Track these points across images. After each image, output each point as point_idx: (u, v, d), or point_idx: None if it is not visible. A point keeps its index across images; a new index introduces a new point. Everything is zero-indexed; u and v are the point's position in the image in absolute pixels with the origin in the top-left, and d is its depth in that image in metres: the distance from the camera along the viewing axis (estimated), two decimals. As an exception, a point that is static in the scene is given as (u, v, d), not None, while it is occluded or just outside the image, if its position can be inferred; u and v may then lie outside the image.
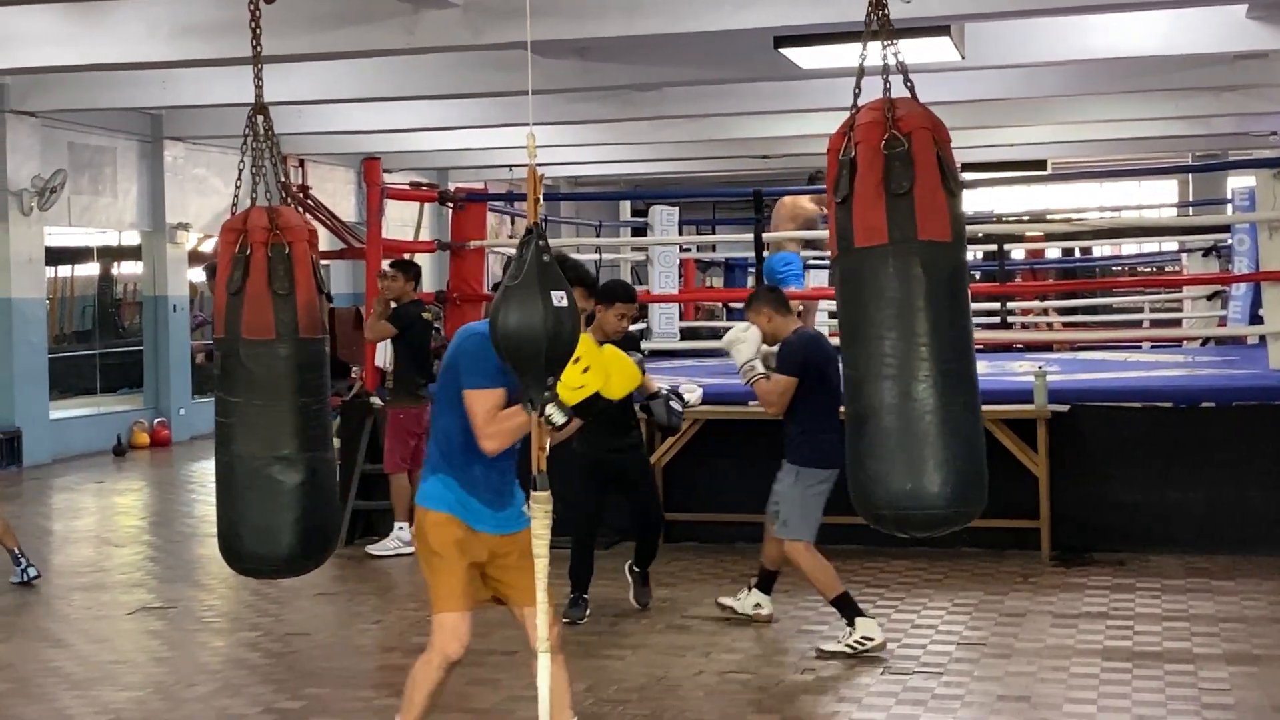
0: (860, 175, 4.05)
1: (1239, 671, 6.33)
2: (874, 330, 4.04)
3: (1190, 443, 9.00)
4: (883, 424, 4.04)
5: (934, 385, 3.98)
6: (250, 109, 4.58)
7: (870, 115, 4.09)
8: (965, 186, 11.12)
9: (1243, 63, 12.78)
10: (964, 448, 4.04)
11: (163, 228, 17.31)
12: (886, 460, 4.03)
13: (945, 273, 4.03)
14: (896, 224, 3.99)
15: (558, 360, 3.88)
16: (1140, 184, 24.92)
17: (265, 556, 4.57)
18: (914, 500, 4.02)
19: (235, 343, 4.48)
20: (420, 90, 13.10)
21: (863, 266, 4.08)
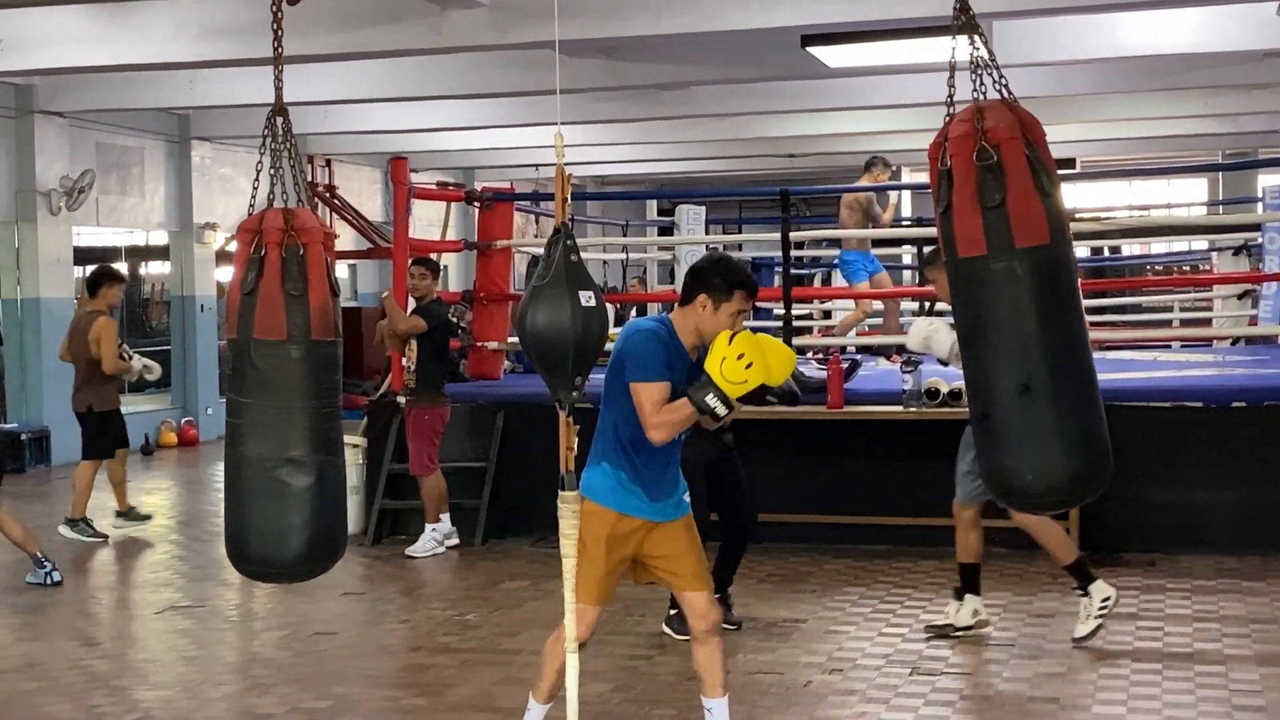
0: (956, 187, 4.21)
1: (1270, 673, 6.27)
2: (984, 331, 4.26)
3: (1221, 443, 8.94)
4: (1000, 418, 4.25)
5: (1046, 378, 4.16)
6: (270, 110, 4.57)
7: (961, 127, 4.23)
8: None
9: (1273, 60, 12.71)
10: (1078, 435, 4.24)
11: (190, 228, 17.39)
12: (1010, 452, 4.26)
13: (1045, 272, 4.19)
14: (993, 234, 4.16)
15: (585, 360, 3.87)
16: (1169, 182, 24.77)
17: (271, 559, 4.53)
18: (1040, 488, 4.27)
19: (247, 343, 4.45)
20: (447, 90, 13.12)
21: (968, 273, 4.28)
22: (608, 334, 4.00)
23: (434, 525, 9.49)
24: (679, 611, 7.20)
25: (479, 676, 6.54)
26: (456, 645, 7.14)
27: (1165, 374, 10.63)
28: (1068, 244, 4.27)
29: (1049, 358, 4.18)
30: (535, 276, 3.86)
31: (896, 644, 6.95)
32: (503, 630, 7.42)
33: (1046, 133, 4.31)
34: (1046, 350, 4.18)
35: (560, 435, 4.04)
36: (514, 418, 9.97)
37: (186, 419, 17.28)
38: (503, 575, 8.80)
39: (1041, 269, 4.19)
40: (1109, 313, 17.49)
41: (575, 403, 3.99)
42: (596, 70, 12.13)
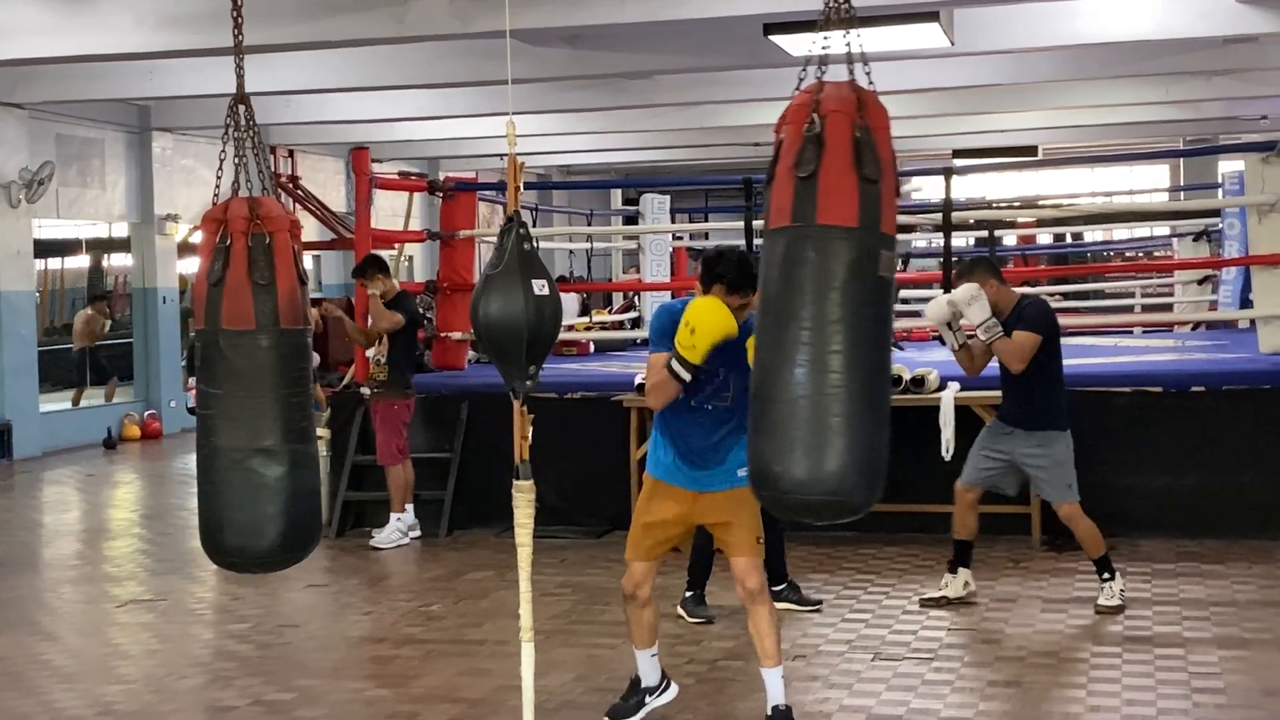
0: (780, 158, 4.00)
1: (1229, 655, 6.34)
2: (771, 309, 3.98)
3: (1180, 427, 9.01)
4: (767, 401, 3.96)
5: (812, 372, 3.87)
6: (231, 99, 4.56)
7: (801, 98, 4.02)
8: (954, 173, 11.24)
9: (1233, 47, 12.78)
10: (842, 441, 3.91)
11: (151, 219, 17.29)
12: (766, 440, 3.95)
13: (843, 257, 3.90)
14: (800, 205, 3.91)
15: (539, 348, 3.87)
16: (1131, 169, 24.92)
17: (247, 550, 4.53)
18: (788, 485, 3.93)
19: (216, 334, 4.45)
20: (409, 80, 13.06)
21: (771, 247, 4.02)
22: (561, 322, 3.99)
23: (399, 515, 9.47)
24: (695, 594, 7.24)
25: (443, 667, 6.54)
26: (421, 636, 7.14)
27: (1126, 359, 10.71)
28: (882, 239, 3.94)
29: (832, 348, 3.88)
30: (488, 265, 3.86)
31: (860, 630, 6.98)
32: (467, 621, 7.42)
33: (892, 128, 4.04)
34: (830, 341, 3.88)
35: (515, 425, 4.04)
36: (478, 408, 9.96)
37: (149, 412, 17.20)
38: (467, 566, 8.80)
39: (838, 252, 3.89)
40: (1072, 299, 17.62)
41: (530, 391, 3.99)
42: (560, 59, 12.11)
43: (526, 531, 4.10)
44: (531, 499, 4.06)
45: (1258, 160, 9.95)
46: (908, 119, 17.38)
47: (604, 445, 9.61)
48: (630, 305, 16.26)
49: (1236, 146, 14.26)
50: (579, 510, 9.69)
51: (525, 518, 4.06)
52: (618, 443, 9.42)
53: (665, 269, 15.76)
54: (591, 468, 9.74)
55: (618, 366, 11.69)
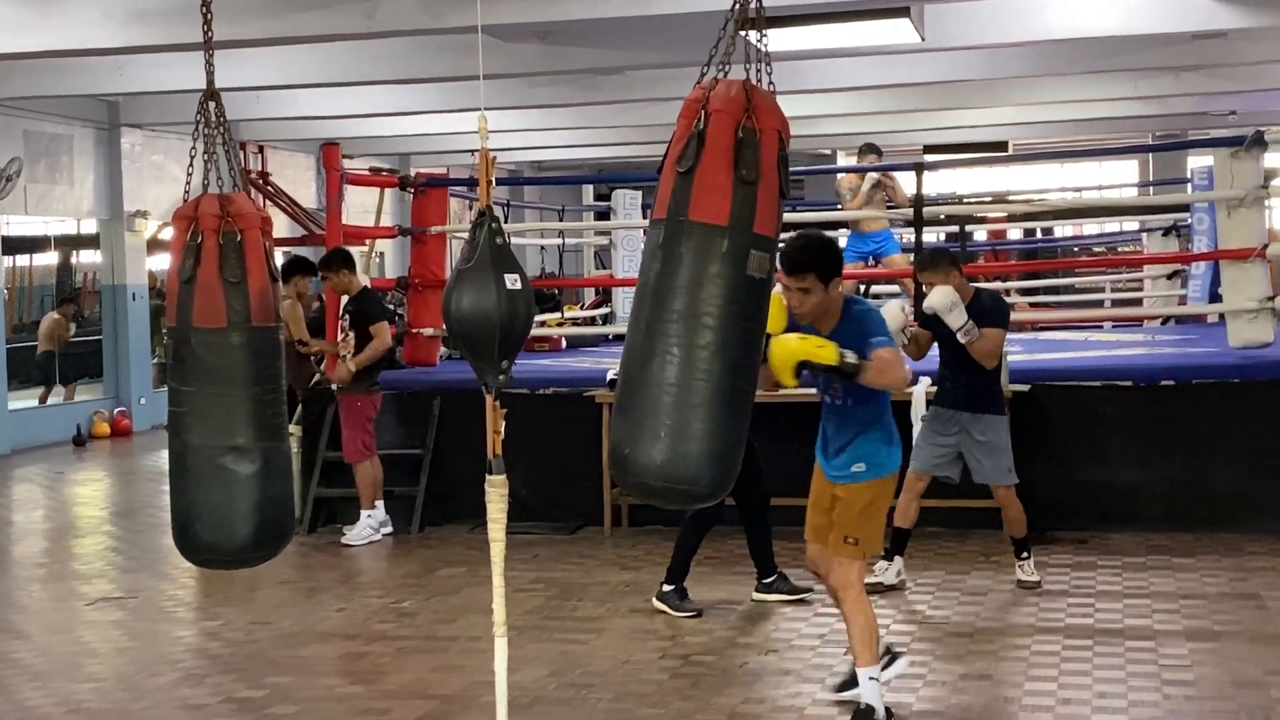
0: (669, 151, 4.10)
1: (1199, 648, 6.37)
2: (646, 297, 4.07)
3: (1151, 421, 9.06)
4: (626, 390, 4.08)
5: (675, 363, 3.97)
6: (202, 95, 4.54)
7: (695, 93, 4.11)
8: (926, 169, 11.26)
9: (1201, 42, 12.84)
10: (693, 428, 3.99)
11: (121, 216, 17.19)
12: (630, 425, 4.04)
13: (715, 255, 3.98)
14: (674, 199, 4.02)
15: (511, 343, 3.87)
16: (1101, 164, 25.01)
17: (220, 547, 4.53)
18: (636, 469, 4.04)
19: (187, 331, 4.44)
20: (381, 75, 13.02)
21: (651, 237, 4.14)
22: (534, 317, 3.99)
23: (369, 511, 9.45)
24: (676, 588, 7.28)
25: (415, 664, 6.53)
26: (393, 633, 7.12)
27: (1096, 354, 10.76)
28: (754, 238, 4.00)
29: (697, 342, 3.95)
30: (460, 260, 3.86)
31: (831, 624, 6.98)
32: (439, 617, 7.41)
33: (787, 133, 4.12)
34: (691, 333, 3.95)
35: (488, 420, 4.03)
36: (450, 404, 9.94)
37: (119, 409, 17.10)
38: (439, 562, 8.78)
39: (707, 248, 3.97)
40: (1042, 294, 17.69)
41: (502, 387, 3.98)
42: (532, 55, 12.09)
43: (499, 527, 4.10)
44: (504, 494, 4.06)
45: (1226, 155, 9.99)
46: (879, 114, 17.43)
47: (576, 441, 9.61)
48: (602, 301, 16.23)
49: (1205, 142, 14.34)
50: (551, 506, 9.69)
51: (498, 513, 4.06)
52: (590, 438, 9.42)
53: (637, 264, 15.74)
54: (564, 463, 9.74)
55: (590, 362, 11.68)
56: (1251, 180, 9.80)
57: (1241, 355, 9.66)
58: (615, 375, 9.17)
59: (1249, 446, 8.91)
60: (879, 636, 5.41)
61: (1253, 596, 7.27)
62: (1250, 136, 9.79)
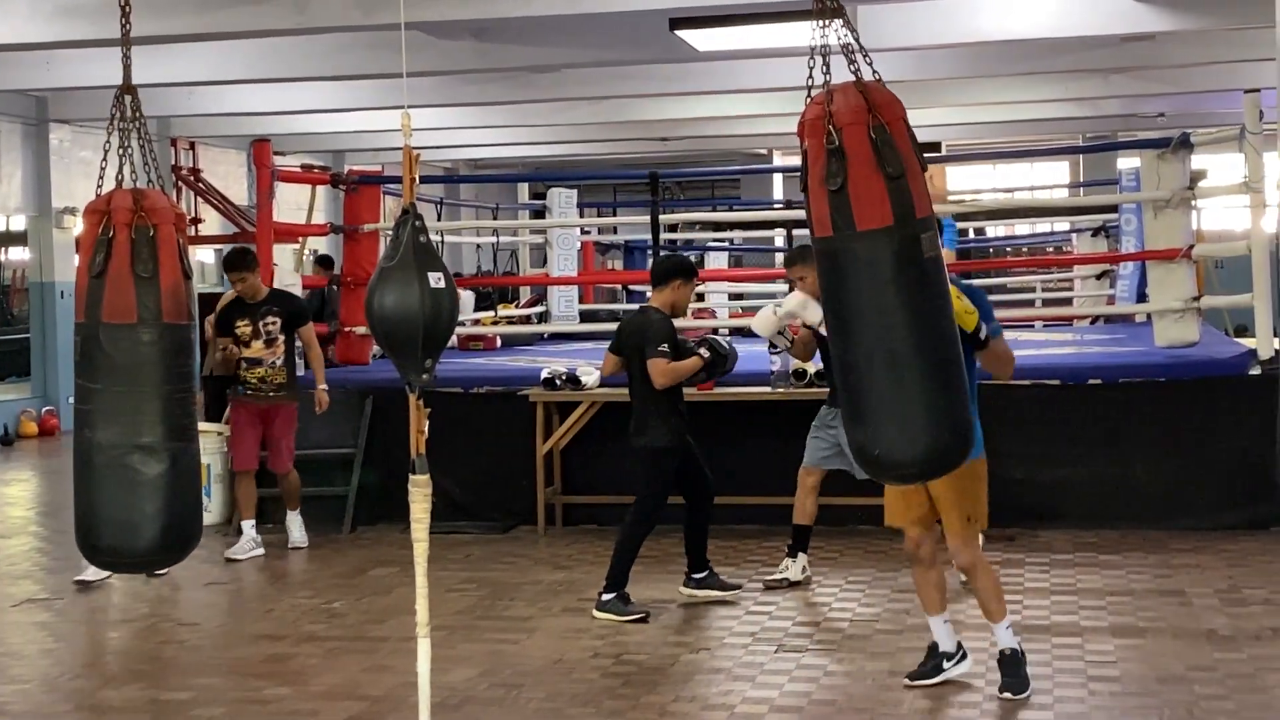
0: (810, 170, 4.28)
1: (1125, 644, 6.45)
2: (837, 308, 4.34)
3: (1078, 420, 9.16)
4: (854, 392, 4.35)
5: (893, 356, 4.23)
6: (118, 89, 4.49)
7: (813, 110, 4.27)
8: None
9: (1130, 45, 12.99)
10: (926, 411, 4.28)
11: (49, 212, 16.95)
12: (863, 425, 4.35)
13: (890, 254, 4.22)
14: (838, 216, 4.22)
15: (435, 341, 3.85)
16: (1032, 165, 25.25)
17: (123, 549, 4.44)
18: (890, 460, 4.35)
19: (96, 327, 4.37)
20: (314, 71, 12.92)
21: (822, 252, 4.37)
22: (458, 315, 3.97)
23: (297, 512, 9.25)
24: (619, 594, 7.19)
25: (345, 664, 6.49)
26: (322, 634, 7.07)
27: (1025, 353, 10.82)
28: (919, 224, 4.26)
29: (898, 336, 4.22)
30: (383, 258, 3.85)
31: (763, 622, 7.02)
32: (370, 618, 7.36)
33: (906, 113, 4.32)
34: (894, 329, 4.22)
35: (411, 419, 4.01)
36: (383, 403, 9.88)
37: (47, 408, 16.87)
38: (371, 562, 8.73)
39: (884, 251, 4.22)
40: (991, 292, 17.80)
41: (426, 386, 3.97)
42: (466, 53, 12.04)
43: (423, 527, 4.08)
44: (428, 494, 4.04)
45: (1154, 157, 10.13)
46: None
47: (510, 440, 9.58)
48: (537, 300, 16.20)
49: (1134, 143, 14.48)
50: (484, 505, 9.66)
51: (422, 512, 4.04)
52: (524, 438, 9.40)
53: (573, 263, 15.73)
54: (497, 462, 9.72)
55: (524, 361, 11.66)
56: (1178, 182, 9.94)
57: (1167, 354, 9.79)
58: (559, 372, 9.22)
59: (1175, 444, 9.03)
60: None
61: (1177, 593, 7.37)
62: (1176, 138, 9.92)
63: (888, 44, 11.74)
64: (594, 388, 9.27)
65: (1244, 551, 8.22)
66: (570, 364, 9.88)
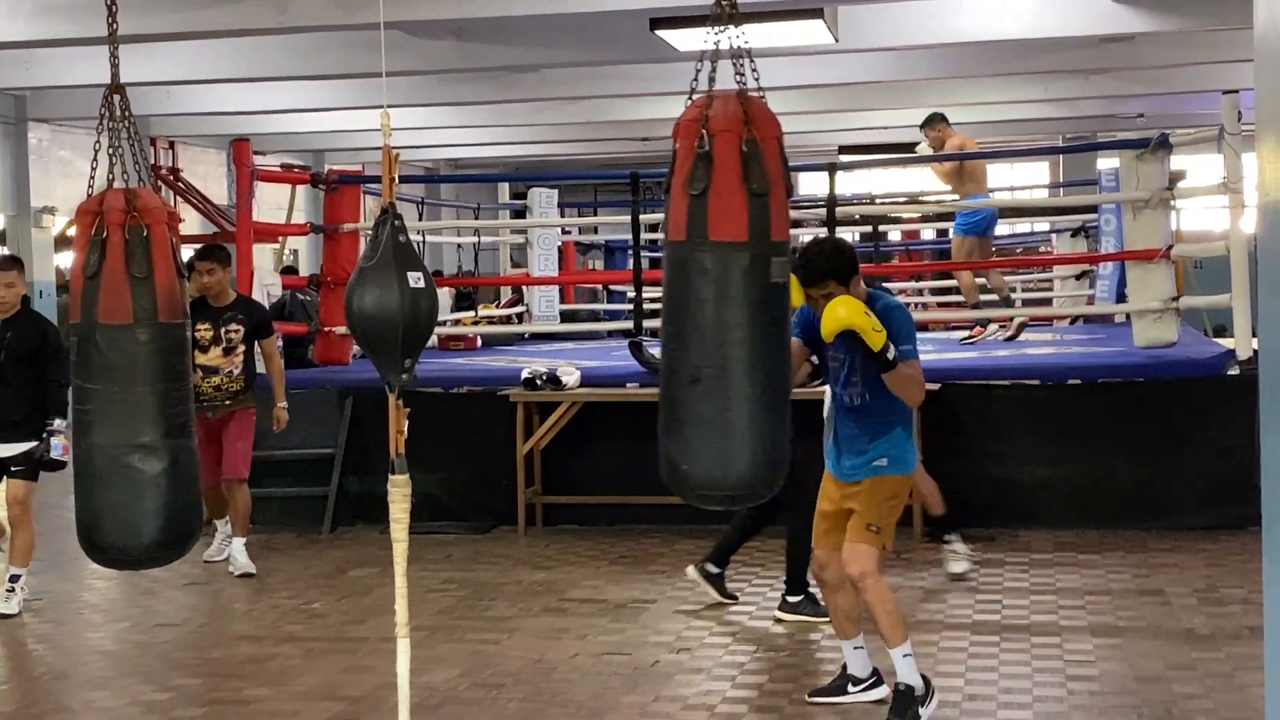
0: (675, 171, 4.16)
1: (1103, 643, 6.47)
2: (673, 316, 4.18)
3: (1058, 420, 9.19)
4: (673, 409, 4.19)
5: (719, 374, 4.09)
6: (106, 88, 4.47)
7: (691, 112, 4.16)
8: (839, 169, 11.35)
9: (1109, 46, 13.02)
10: (742, 436, 4.13)
11: (28, 212, 16.86)
12: (675, 441, 4.19)
13: (736, 270, 4.09)
14: (693, 223, 4.10)
15: (414, 341, 3.85)
16: (1012, 166, 25.30)
17: (126, 547, 4.46)
18: (694, 480, 4.19)
19: (92, 328, 4.37)
20: (294, 70, 12.88)
21: (670, 257, 4.22)
22: (437, 315, 3.97)
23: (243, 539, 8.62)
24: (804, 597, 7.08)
25: (324, 665, 6.48)
26: (302, 634, 7.06)
27: (1005, 353, 10.90)
28: (772, 246, 4.12)
29: (731, 354, 4.09)
30: (362, 258, 3.84)
31: (743, 622, 7.03)
32: (350, 618, 7.35)
33: (782, 134, 4.20)
34: (728, 346, 4.09)
35: (390, 419, 4.01)
36: (362, 403, 9.87)
37: (26, 408, 16.78)
38: (351, 563, 8.72)
39: (733, 266, 4.09)
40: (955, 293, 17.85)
41: (405, 385, 3.96)
42: (446, 52, 12.01)
43: (402, 527, 4.08)
44: (407, 494, 4.04)
45: (1133, 157, 10.16)
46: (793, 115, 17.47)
47: (490, 440, 9.58)
48: (518, 300, 16.19)
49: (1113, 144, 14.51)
50: (465, 505, 9.66)
51: (401, 512, 4.04)
52: (504, 438, 9.40)
53: (553, 263, 15.73)
54: (478, 463, 9.71)
55: (505, 361, 11.66)
56: (1157, 182, 9.97)
57: (1146, 355, 9.83)
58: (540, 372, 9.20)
59: (1154, 444, 9.06)
60: (905, 620, 5.50)
61: (1156, 592, 7.40)
62: (1155, 139, 9.96)
63: (867, 44, 11.80)
64: (574, 388, 9.27)
65: (1223, 551, 8.25)
66: (551, 364, 9.89)
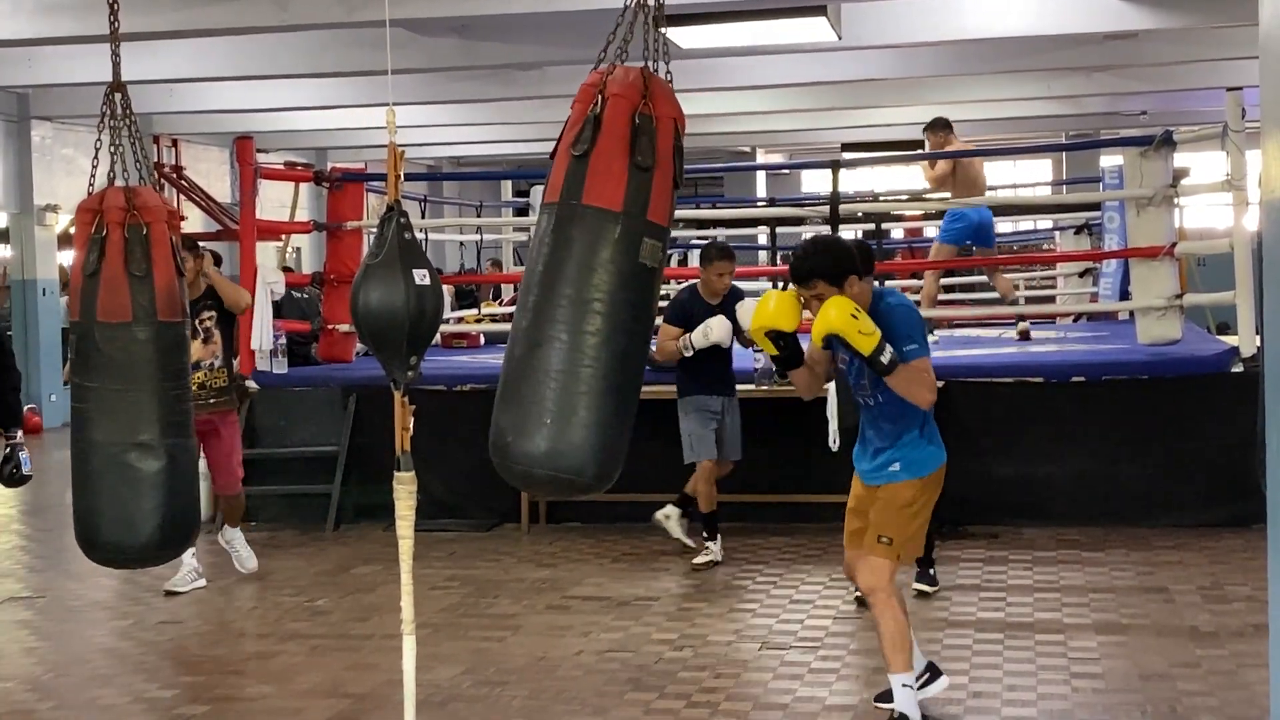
0: (563, 135, 4.06)
1: (1107, 641, 6.47)
2: (534, 282, 4.00)
3: (1061, 417, 9.18)
4: (510, 376, 3.99)
5: (563, 350, 3.90)
6: (107, 86, 4.48)
7: (592, 78, 4.07)
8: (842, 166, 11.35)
9: (1112, 43, 13.03)
10: (579, 416, 3.92)
11: (31, 210, 16.89)
12: (514, 413, 3.97)
13: (607, 240, 3.92)
14: (570, 184, 3.96)
15: (420, 338, 3.84)
16: (1015, 163, 25.29)
17: (123, 546, 4.47)
18: (517, 453, 3.98)
19: (91, 326, 4.38)
20: (296, 68, 12.90)
21: (543, 221, 4.06)
22: (443, 313, 3.97)
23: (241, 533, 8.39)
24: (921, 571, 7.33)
25: (328, 663, 6.48)
26: (306, 631, 7.06)
27: (1009, 350, 10.89)
28: (646, 225, 3.96)
29: (585, 329, 3.89)
30: (368, 255, 3.84)
31: (747, 619, 7.03)
32: (353, 616, 7.35)
33: (682, 122, 4.10)
34: (577, 319, 3.89)
35: (396, 416, 4.01)
36: (366, 401, 9.87)
37: (29, 406, 16.78)
38: (355, 560, 8.72)
39: (600, 234, 3.91)
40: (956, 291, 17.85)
41: (411, 383, 3.96)
42: (449, 49, 12.02)
43: (407, 524, 4.08)
44: (413, 491, 4.04)
45: (1136, 154, 10.14)
46: (795, 112, 17.52)
47: (493, 438, 9.55)
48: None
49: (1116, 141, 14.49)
50: (468, 503, 9.65)
51: (406, 510, 4.04)
52: (507, 435, 9.38)
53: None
54: (481, 461, 9.54)
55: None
56: (1160, 179, 9.96)
57: (1150, 352, 9.81)
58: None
59: (1157, 442, 9.05)
60: (912, 643, 5.20)
61: (1160, 590, 7.39)
62: (1159, 136, 9.94)
63: (872, 42, 11.81)
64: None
65: (1227, 548, 8.24)
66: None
